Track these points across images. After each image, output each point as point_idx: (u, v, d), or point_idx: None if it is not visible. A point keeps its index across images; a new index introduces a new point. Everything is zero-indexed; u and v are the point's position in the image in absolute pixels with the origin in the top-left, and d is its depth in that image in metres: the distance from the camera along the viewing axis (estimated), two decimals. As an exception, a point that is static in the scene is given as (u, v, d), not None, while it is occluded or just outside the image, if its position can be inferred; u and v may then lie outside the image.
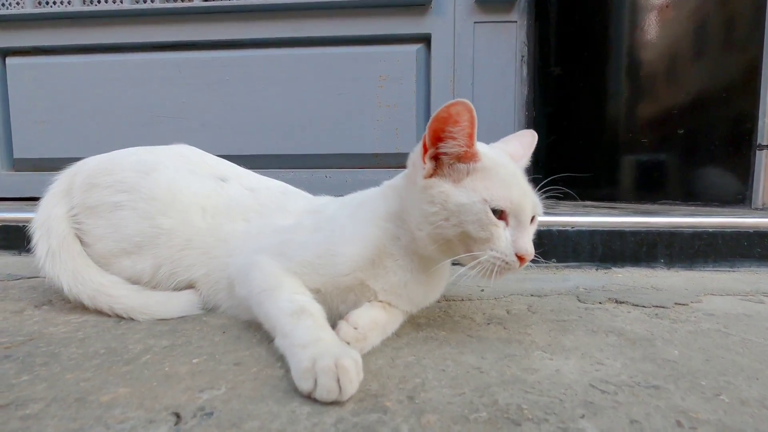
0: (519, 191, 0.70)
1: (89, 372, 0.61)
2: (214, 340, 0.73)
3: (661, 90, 1.64)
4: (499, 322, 0.84)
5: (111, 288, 0.85)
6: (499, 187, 0.68)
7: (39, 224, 0.90)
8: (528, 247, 0.69)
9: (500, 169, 0.71)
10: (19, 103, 2.24)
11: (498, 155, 0.74)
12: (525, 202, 0.69)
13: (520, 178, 0.73)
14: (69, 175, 0.95)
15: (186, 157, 0.99)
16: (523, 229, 0.69)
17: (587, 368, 0.64)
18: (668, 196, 1.52)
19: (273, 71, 2.15)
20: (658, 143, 1.58)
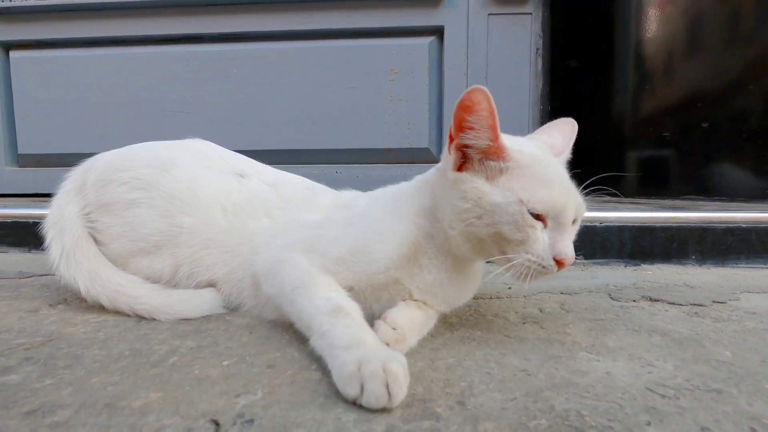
0: (561, 191, 0.65)
1: (116, 375, 0.58)
2: (241, 341, 0.70)
3: (685, 81, 1.60)
4: (535, 321, 0.81)
5: (130, 288, 0.82)
6: (538, 187, 0.63)
7: (52, 224, 0.87)
8: (568, 252, 0.64)
9: (539, 167, 0.66)
10: (23, 97, 2.20)
11: (536, 151, 0.69)
12: (567, 203, 0.64)
13: (561, 175, 0.69)
14: (82, 171, 0.92)
15: (202, 152, 0.96)
16: (563, 232, 0.64)
17: (638, 370, 0.61)
18: (691, 191, 1.48)
19: (282, 65, 2.10)
20: (681, 137, 1.55)
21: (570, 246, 0.65)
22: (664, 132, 1.58)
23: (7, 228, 1.31)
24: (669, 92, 1.68)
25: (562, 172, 0.70)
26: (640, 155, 1.75)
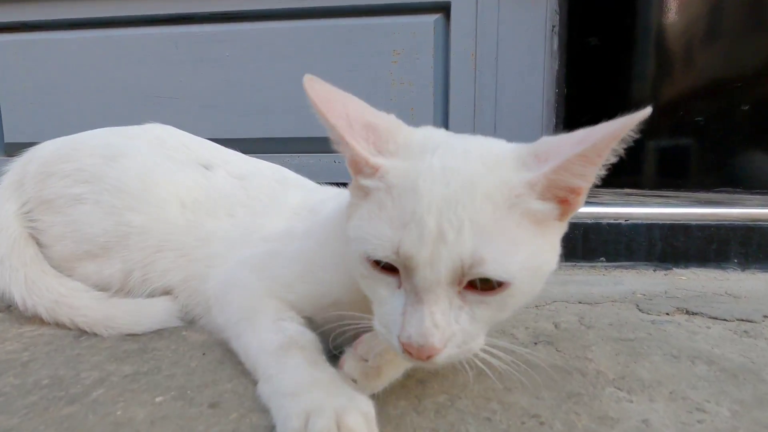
0: (416, 232, 0.39)
1: (17, 416, 0.46)
2: (189, 366, 0.58)
3: (720, 62, 1.43)
4: (549, 341, 0.67)
5: (71, 298, 0.71)
6: (384, 222, 0.41)
7: None
8: (412, 333, 0.39)
9: (406, 189, 0.41)
10: (9, 83, 2.10)
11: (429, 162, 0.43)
12: (414, 252, 0.39)
13: (431, 200, 0.40)
14: (22, 163, 0.80)
15: (161, 139, 0.84)
16: (417, 301, 0.40)
17: (685, 418, 0.47)
18: (728, 183, 1.32)
19: (277, 46, 1.96)
20: (716, 123, 1.38)
21: (426, 324, 0.39)
22: (696, 117, 1.41)
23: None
24: (699, 73, 1.50)
25: (448, 192, 0.40)
26: (665, 143, 1.58)
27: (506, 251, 0.40)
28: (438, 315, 0.40)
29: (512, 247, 0.40)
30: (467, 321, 0.41)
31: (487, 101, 1.89)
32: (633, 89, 1.70)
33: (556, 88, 1.85)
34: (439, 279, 0.39)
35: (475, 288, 0.41)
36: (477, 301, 0.41)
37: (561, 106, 1.85)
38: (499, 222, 0.40)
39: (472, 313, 0.41)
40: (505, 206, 0.41)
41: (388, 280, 0.43)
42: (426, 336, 0.39)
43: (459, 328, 0.41)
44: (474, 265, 0.39)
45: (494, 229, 0.40)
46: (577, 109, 1.80)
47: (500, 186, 0.41)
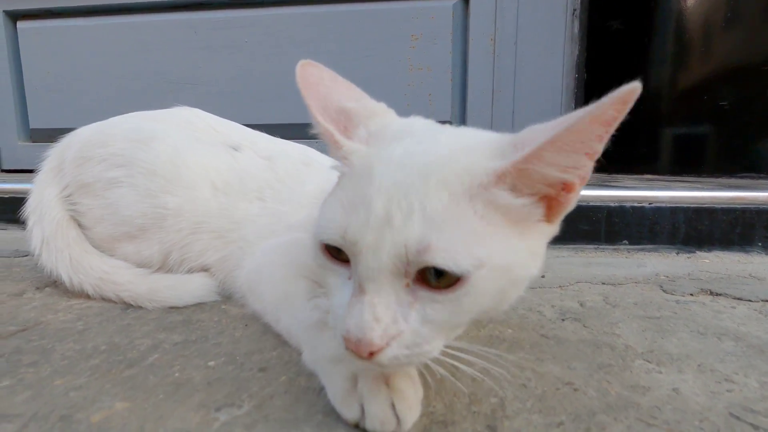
0: (363, 216, 0.37)
1: (83, 377, 0.50)
2: (234, 336, 0.61)
3: (744, 46, 1.40)
4: (576, 317, 0.69)
5: (115, 275, 0.74)
6: (340, 205, 0.40)
7: (32, 208, 0.80)
8: (351, 326, 0.36)
9: (363, 173, 0.40)
10: (33, 70, 2.14)
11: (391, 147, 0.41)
12: (363, 238, 0.37)
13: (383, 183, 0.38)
14: (60, 149, 0.83)
15: (190, 121, 0.86)
16: (360, 292, 0.37)
17: (714, 387, 0.49)
18: (751, 169, 1.31)
19: (295, 32, 1.97)
20: (739, 108, 1.36)
21: (365, 317, 0.36)
22: (720, 101, 1.39)
23: (6, 204, 1.26)
24: (723, 57, 1.47)
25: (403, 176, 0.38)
26: (686, 129, 1.57)
27: (460, 242, 0.36)
28: (380, 308, 0.36)
29: (469, 238, 0.36)
30: (417, 321, 0.37)
31: (505, 86, 1.88)
32: (654, 74, 1.68)
33: (576, 73, 1.83)
34: (381, 266, 0.36)
35: (428, 285, 0.37)
36: (429, 298, 0.37)
37: (581, 91, 1.83)
38: (456, 211, 0.36)
39: (424, 312, 0.37)
40: (464, 195, 0.37)
41: (339, 271, 0.40)
42: (364, 330, 0.35)
43: (408, 328, 0.37)
44: (420, 252, 0.35)
45: (448, 218, 0.36)
46: (597, 94, 1.78)
47: (460, 173, 0.37)
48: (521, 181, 0.38)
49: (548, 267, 0.95)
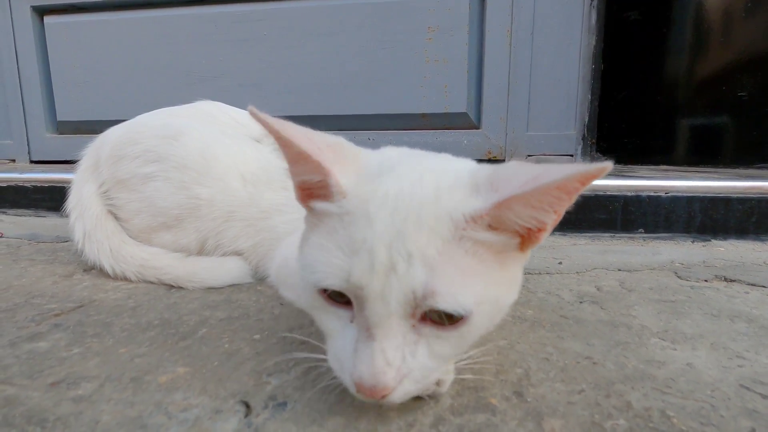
0: (367, 261, 0.37)
1: (144, 346, 0.55)
2: (273, 314, 0.66)
3: (762, 36, 1.39)
4: (593, 300, 0.72)
5: (154, 260, 0.80)
6: (336, 248, 0.39)
7: (73, 205, 0.86)
8: (363, 371, 0.37)
9: (361, 215, 0.39)
10: (60, 64, 2.21)
11: (376, 186, 0.41)
12: (370, 283, 0.37)
13: (379, 229, 0.38)
14: (95, 148, 0.89)
15: (213, 116, 0.90)
16: (369, 336, 0.38)
17: (726, 363, 0.52)
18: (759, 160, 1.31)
19: (314, 25, 2.00)
20: (757, 99, 1.36)
21: (377, 362, 0.37)
22: (739, 92, 1.39)
23: (44, 192, 1.32)
24: (741, 48, 1.47)
25: (397, 221, 0.38)
26: (703, 120, 1.57)
27: (459, 283, 0.37)
28: (390, 352, 0.37)
29: (465, 279, 0.38)
30: (425, 356, 0.39)
31: (521, 78, 1.89)
32: (671, 64, 1.67)
33: (593, 64, 1.83)
34: (390, 312, 0.37)
35: (432, 321, 0.38)
36: (434, 335, 0.39)
37: (597, 82, 1.83)
38: (449, 254, 0.38)
39: (430, 348, 0.39)
40: (454, 238, 0.38)
41: (339, 313, 0.41)
42: (377, 375, 0.36)
43: (417, 364, 0.38)
44: (426, 296, 0.36)
45: (444, 261, 0.37)
46: (613, 85, 1.78)
47: (445, 218, 0.38)
48: (497, 221, 0.39)
49: (565, 254, 0.99)
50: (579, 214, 1.05)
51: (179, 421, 0.40)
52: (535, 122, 1.91)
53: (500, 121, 1.93)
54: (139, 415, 0.41)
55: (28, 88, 2.24)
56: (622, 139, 1.80)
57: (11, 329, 0.59)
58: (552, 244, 1.05)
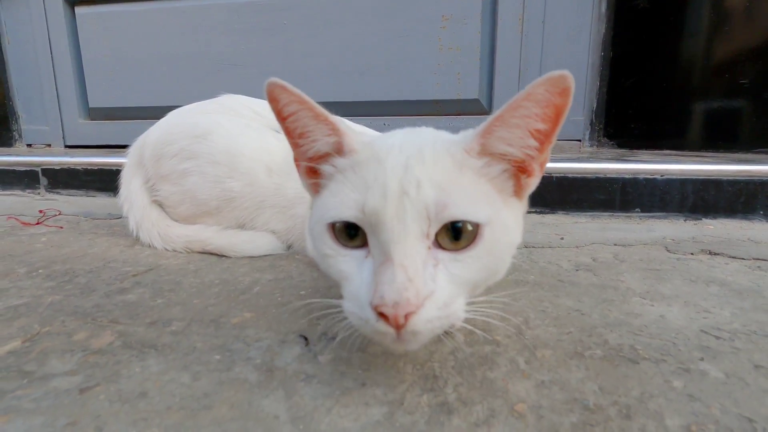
0: (379, 191, 0.41)
1: (212, 299, 0.67)
2: (312, 276, 0.78)
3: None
4: (588, 268, 0.83)
5: (197, 235, 0.92)
6: (350, 189, 0.44)
7: (124, 198, 0.98)
8: (385, 293, 0.37)
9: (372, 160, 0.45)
10: (91, 53, 2.33)
11: (379, 141, 0.48)
12: (384, 208, 0.40)
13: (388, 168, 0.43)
14: (138, 147, 1.00)
15: (235, 110, 0.99)
16: (388, 260, 0.40)
17: (693, 315, 0.63)
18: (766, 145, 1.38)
19: (332, 14, 2.08)
20: (763, 86, 1.42)
21: (398, 280, 0.38)
22: (741, 80, 1.45)
23: (95, 174, 1.45)
24: (750, 35, 1.52)
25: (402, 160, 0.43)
26: (710, 106, 1.63)
27: (467, 200, 0.41)
28: (411, 269, 0.38)
29: (473, 199, 0.42)
30: (445, 279, 0.40)
31: (532, 65, 1.96)
32: (679, 52, 1.73)
33: (602, 51, 1.89)
34: (407, 231, 0.39)
35: (445, 249, 0.41)
36: (450, 259, 0.41)
37: (606, 69, 1.90)
38: (454, 180, 0.42)
39: (448, 271, 0.41)
40: (455, 167, 0.43)
41: (354, 254, 0.43)
42: (400, 291, 0.37)
43: (438, 287, 0.40)
44: (439, 210, 0.40)
45: (450, 185, 0.42)
46: (621, 72, 1.85)
47: (444, 154, 0.44)
48: (486, 149, 0.44)
49: (566, 231, 1.09)
50: (581, 194, 1.15)
51: (256, 348, 0.52)
52: (544, 108, 1.98)
53: (511, 107, 2.00)
54: (223, 344, 0.53)
55: (62, 77, 2.37)
56: (629, 125, 1.87)
57: (101, 285, 0.72)
58: (555, 222, 1.15)
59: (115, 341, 0.54)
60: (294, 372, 0.47)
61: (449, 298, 0.41)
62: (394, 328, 0.38)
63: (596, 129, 1.95)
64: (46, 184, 1.48)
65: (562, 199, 1.16)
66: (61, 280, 0.75)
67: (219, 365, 0.49)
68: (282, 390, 0.44)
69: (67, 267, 0.82)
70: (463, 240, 0.41)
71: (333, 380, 0.46)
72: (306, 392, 0.44)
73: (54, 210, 1.29)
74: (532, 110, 0.42)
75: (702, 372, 0.48)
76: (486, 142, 0.44)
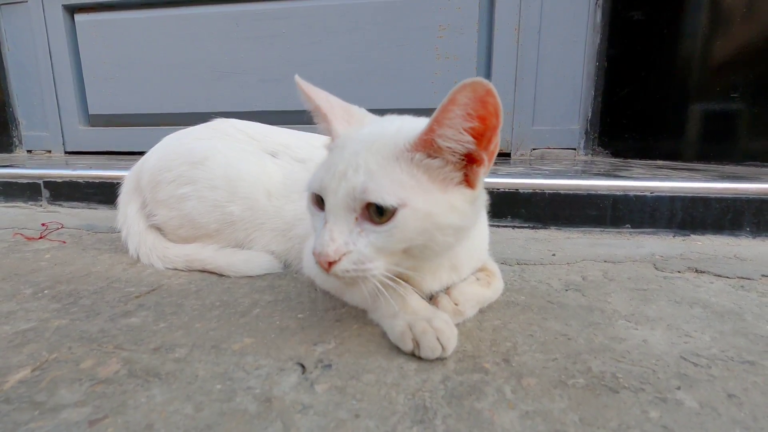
0: (331, 171, 0.56)
1: (213, 322, 0.70)
2: (310, 297, 0.80)
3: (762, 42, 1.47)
4: (577, 288, 0.86)
5: (197, 254, 0.94)
6: (322, 169, 0.59)
7: (121, 223, 1.01)
8: (317, 245, 0.54)
9: (341, 146, 0.60)
10: (91, 60, 2.35)
11: (355, 129, 0.63)
12: (329, 185, 0.56)
13: (346, 153, 0.57)
14: (135, 173, 1.03)
15: (229, 135, 1.00)
16: (325, 224, 0.56)
17: (675, 340, 0.65)
18: (759, 157, 1.41)
19: (330, 23, 2.10)
20: (753, 97, 1.45)
21: (324, 238, 0.54)
22: (731, 93, 1.48)
23: (96, 188, 1.47)
24: (743, 47, 1.54)
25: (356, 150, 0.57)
26: (702, 117, 1.66)
27: (387, 187, 0.53)
28: (335, 233, 0.54)
29: (395, 186, 0.53)
30: (363, 245, 0.54)
31: (528, 74, 1.99)
32: (673, 63, 1.75)
33: (597, 62, 1.92)
34: (338, 203, 0.55)
35: (372, 221, 0.54)
36: (371, 230, 0.54)
37: (601, 79, 1.93)
38: (386, 168, 0.54)
39: (368, 239, 0.54)
40: (392, 157, 0.55)
41: (321, 216, 0.58)
42: (324, 246, 0.53)
43: (355, 249, 0.54)
44: (361, 192, 0.53)
45: (380, 172, 0.54)
46: (615, 83, 1.87)
47: (390, 145, 0.56)
48: (428, 146, 0.54)
49: (558, 247, 1.12)
50: (573, 210, 1.17)
51: (255, 376, 0.55)
52: (540, 117, 2.01)
53: (507, 116, 2.03)
54: (225, 371, 0.56)
55: (62, 83, 2.39)
56: (623, 134, 1.90)
57: (106, 308, 0.75)
58: (547, 238, 1.18)
59: (121, 369, 0.56)
60: (291, 402, 0.50)
61: (365, 258, 0.54)
62: (325, 270, 0.54)
63: (591, 138, 1.98)
64: (48, 196, 1.50)
65: (555, 214, 1.18)
66: (66, 301, 0.78)
67: (220, 395, 0.51)
68: (280, 422, 0.47)
69: (72, 287, 0.84)
70: (384, 217, 0.54)
71: (328, 411, 0.48)
72: (302, 424, 0.46)
73: (56, 223, 1.31)
74: (458, 112, 0.51)
75: (678, 402, 0.50)
76: (427, 138, 0.54)
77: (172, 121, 2.23)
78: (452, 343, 0.59)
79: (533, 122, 2.01)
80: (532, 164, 1.76)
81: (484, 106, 0.51)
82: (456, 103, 0.50)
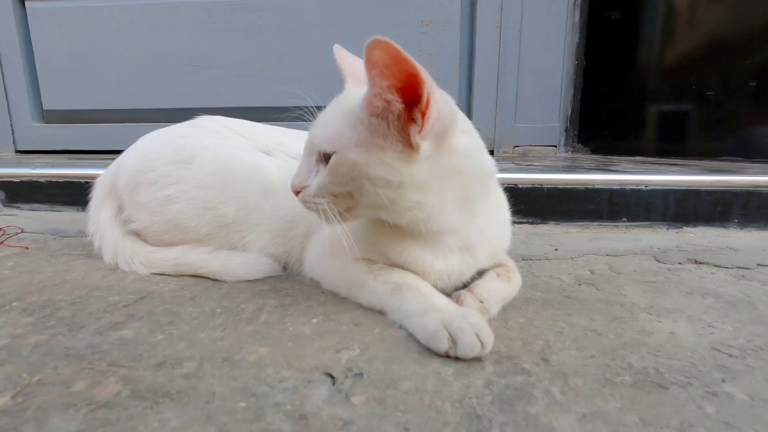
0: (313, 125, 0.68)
1: (218, 331, 0.63)
2: (320, 300, 0.75)
3: (737, 40, 1.54)
4: (589, 282, 0.85)
5: (184, 257, 0.86)
6: None
7: (93, 231, 0.91)
8: (290, 180, 0.68)
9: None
10: (45, 52, 2.15)
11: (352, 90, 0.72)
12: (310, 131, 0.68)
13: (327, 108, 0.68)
14: (109, 176, 0.93)
15: (217, 132, 0.93)
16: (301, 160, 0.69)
17: (700, 331, 0.65)
18: (732, 152, 1.47)
19: (308, 16, 2.03)
20: (725, 95, 1.51)
21: (296, 172, 0.68)
22: (706, 91, 1.54)
23: (60, 188, 1.34)
24: (717, 50, 1.61)
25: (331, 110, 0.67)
26: (678, 114, 1.72)
27: (329, 137, 0.62)
28: (301, 170, 0.67)
29: (335, 136, 0.61)
30: (315, 182, 0.64)
31: (510, 71, 2.00)
32: (648, 62, 1.81)
33: (576, 60, 1.96)
34: (306, 147, 0.67)
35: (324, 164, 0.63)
36: (321, 171, 0.63)
37: (579, 76, 1.96)
38: (338, 123, 0.62)
39: (317, 177, 0.64)
40: (348, 114, 0.61)
41: None
42: (293, 180, 0.67)
43: (310, 185, 0.64)
44: (312, 139, 0.65)
45: (332, 126, 0.63)
46: (594, 81, 1.91)
47: (350, 103, 0.62)
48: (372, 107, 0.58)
49: (559, 242, 1.11)
50: (571, 205, 1.18)
51: (281, 390, 0.49)
52: (522, 114, 2.03)
53: (489, 113, 2.03)
54: (245, 386, 0.50)
55: (11, 76, 2.18)
56: (602, 131, 1.94)
57: (90, 320, 0.66)
58: (547, 233, 1.17)
59: (122, 390, 0.49)
60: (329, 418, 0.45)
61: (316, 193, 0.64)
62: None
63: (571, 135, 2.02)
64: (4, 198, 1.35)
65: (553, 209, 1.18)
66: (41, 314, 0.68)
67: (247, 414, 0.45)
68: (322, 441, 0.41)
69: (45, 298, 0.74)
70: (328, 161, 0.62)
71: (373, 426, 0.44)
72: (349, 443, 0.41)
73: (15, 227, 1.18)
74: (375, 72, 0.55)
75: (728, 395, 0.49)
76: (367, 98, 0.58)
77: (138, 117, 2.09)
78: (491, 338, 0.56)
79: (515, 120, 2.03)
80: (516, 161, 1.77)
81: (391, 59, 0.53)
82: (369, 61, 0.54)
